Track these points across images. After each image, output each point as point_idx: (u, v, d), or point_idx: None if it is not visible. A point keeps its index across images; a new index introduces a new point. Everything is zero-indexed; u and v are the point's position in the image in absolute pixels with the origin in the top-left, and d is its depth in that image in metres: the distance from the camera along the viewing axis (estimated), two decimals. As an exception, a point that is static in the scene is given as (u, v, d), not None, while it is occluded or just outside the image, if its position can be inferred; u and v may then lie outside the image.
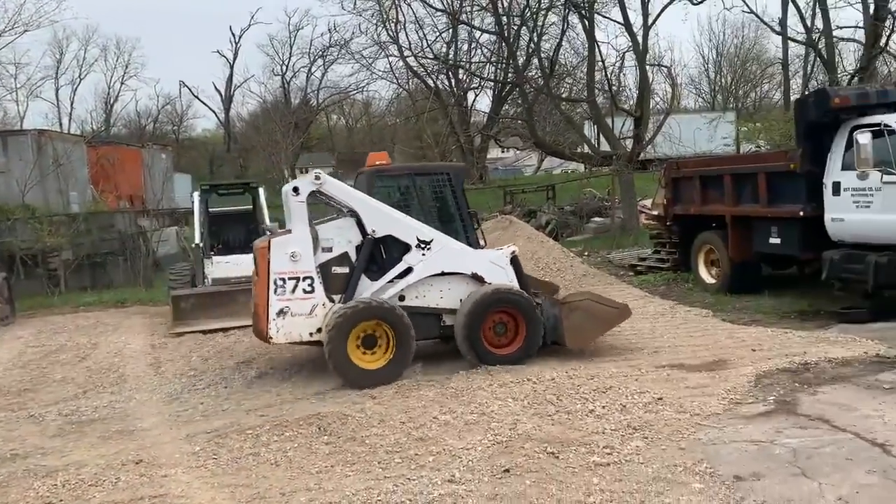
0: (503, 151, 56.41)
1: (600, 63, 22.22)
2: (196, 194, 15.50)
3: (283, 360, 9.64)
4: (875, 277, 9.56)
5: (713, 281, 12.97)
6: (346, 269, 8.54)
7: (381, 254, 8.66)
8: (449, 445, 6.10)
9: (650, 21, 21.21)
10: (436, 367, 8.62)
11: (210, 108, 58.63)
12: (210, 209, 15.66)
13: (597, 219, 21.24)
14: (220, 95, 55.20)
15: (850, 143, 9.92)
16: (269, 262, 8.21)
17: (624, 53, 22.83)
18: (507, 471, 5.51)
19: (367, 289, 8.52)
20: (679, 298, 12.77)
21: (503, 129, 31.34)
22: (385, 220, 8.57)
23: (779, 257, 12.21)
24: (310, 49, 49.80)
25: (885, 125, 9.59)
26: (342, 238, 8.56)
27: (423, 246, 8.58)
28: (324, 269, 8.43)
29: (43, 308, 16.46)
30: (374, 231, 8.50)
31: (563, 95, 25.51)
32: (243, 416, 7.40)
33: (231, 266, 13.97)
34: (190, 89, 56.52)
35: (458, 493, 5.17)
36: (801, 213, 10.69)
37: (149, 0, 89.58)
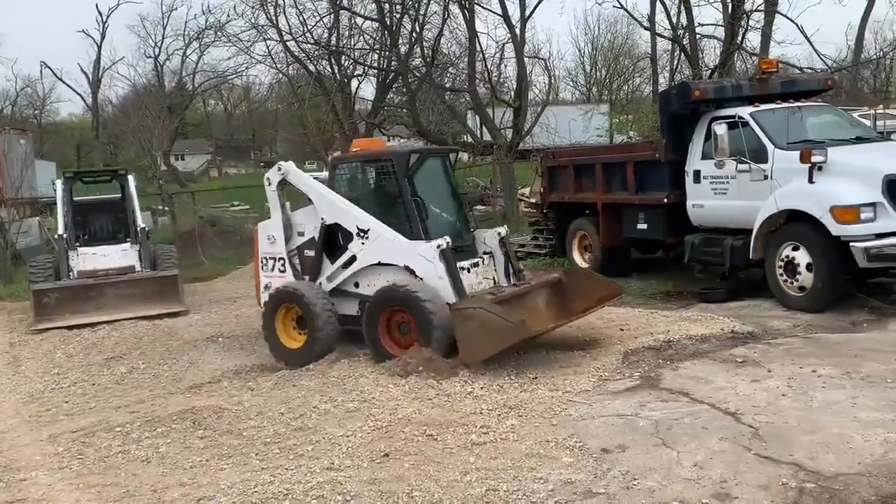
0: (388, 140, 56.30)
1: (481, 54, 22.59)
2: (59, 182, 14.59)
3: (156, 355, 9.27)
4: (731, 259, 10.28)
5: (586, 265, 13.48)
6: (313, 252, 9.01)
7: (338, 240, 8.86)
8: (328, 434, 6.09)
9: (527, 13, 21.76)
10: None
11: (76, 92, 55.04)
12: (75, 198, 14.77)
13: (479, 207, 21.62)
14: (87, 78, 51.90)
15: (709, 134, 10.57)
16: (256, 243, 9.51)
17: (503, 45, 23.33)
18: (387, 455, 5.56)
19: (327, 272, 8.88)
20: (556, 283, 13.19)
21: (388, 117, 31.23)
22: (331, 208, 8.82)
23: (646, 242, 12.87)
24: (184, 31, 47.57)
25: (740, 117, 10.28)
26: (310, 224, 9.10)
27: (361, 235, 8.60)
28: (300, 251, 9.21)
29: None
30: (323, 218, 8.85)
31: (446, 85, 25.74)
32: (112, 414, 7.08)
33: (98, 258, 13.27)
34: (52, 71, 52.83)
35: (338, 479, 5.17)
36: (665, 200, 11.31)
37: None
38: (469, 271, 8.60)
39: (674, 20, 23.84)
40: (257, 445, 5.97)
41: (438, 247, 8.14)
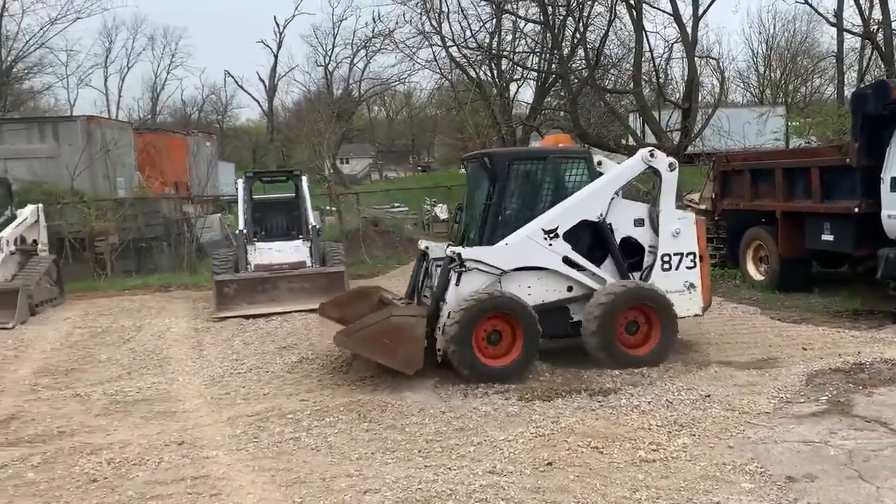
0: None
1: (649, 53, 21.77)
2: (241, 181, 15.63)
3: (323, 347, 9.64)
4: (935, 277, 9.21)
5: (761, 277, 12.64)
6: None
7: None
8: (490, 436, 6.02)
9: (700, 11, 20.72)
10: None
11: (254, 98, 59.17)
12: (254, 196, 15.78)
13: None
14: (264, 85, 55.69)
15: (911, 138, 9.54)
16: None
17: (672, 44, 22.37)
18: (550, 464, 5.41)
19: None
20: (726, 295, 12.47)
21: (545, 120, 31.00)
22: None
23: (830, 254, 11.84)
24: (352, 40, 49.94)
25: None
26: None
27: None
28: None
29: (90, 291, 16.78)
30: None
31: (608, 87, 25.11)
32: (284, 401, 7.41)
33: (273, 252, 14.08)
34: (234, 79, 57.34)
35: (500, 484, 5.08)
36: (857, 210, 10.34)
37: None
38: None
39: (865, 15, 21.89)
40: (420, 442, 6.02)
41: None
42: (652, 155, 8.54)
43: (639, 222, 8.56)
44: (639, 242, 8.56)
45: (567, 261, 8.23)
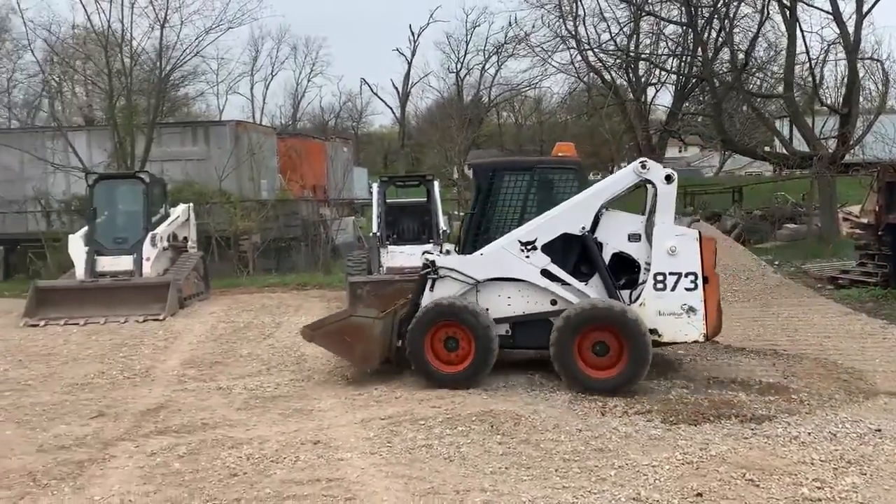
0: (679, 151, 53.80)
1: (806, 55, 20.32)
2: (375, 185, 15.92)
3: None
4: None
5: (933, 300, 11.41)
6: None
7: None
8: (632, 460, 5.66)
9: (865, 10, 19.12)
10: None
11: (387, 105, 60.63)
12: (387, 200, 16.02)
13: (790, 225, 19.50)
14: (397, 92, 56.97)
15: None
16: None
17: (828, 45, 20.82)
18: (700, 495, 4.99)
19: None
20: (890, 318, 11.37)
21: (683, 126, 29.82)
22: None
23: None
24: (485, 46, 50.05)
25: None
26: None
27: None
28: None
29: (233, 287, 17.65)
30: None
31: (755, 90, 23.76)
32: (416, 406, 7.35)
33: (405, 256, 14.20)
34: (370, 86, 58.67)
35: (646, 513, 4.74)
36: None
37: (336, 1, 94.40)
38: None
39: None
40: (556, 461, 5.75)
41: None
42: (644, 167, 8.01)
43: (634, 237, 8.11)
44: (635, 259, 8.11)
45: (547, 274, 8.00)
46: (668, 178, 8.00)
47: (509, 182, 8.59)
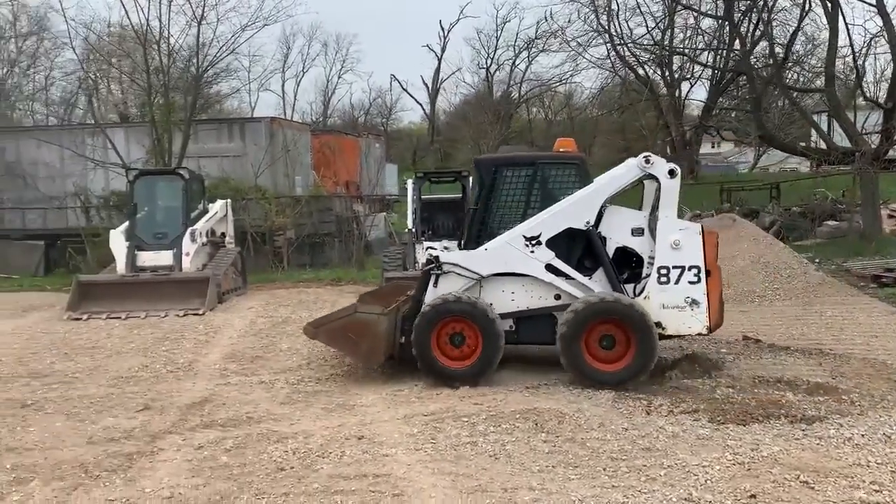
0: (713, 147, 53.11)
1: (850, 48, 19.89)
2: (410, 181, 15.92)
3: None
4: None
5: None
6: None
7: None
8: (681, 460, 5.59)
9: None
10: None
11: (417, 102, 60.71)
12: (422, 196, 16.03)
13: (830, 222, 19.13)
14: (427, 88, 56.99)
15: None
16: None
17: (871, 38, 20.36)
18: (754, 496, 4.91)
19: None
20: (940, 317, 11.09)
21: (718, 121, 29.39)
22: None
23: None
24: (515, 41, 49.87)
25: None
26: None
27: None
28: None
29: (268, 282, 17.81)
30: None
31: (794, 84, 23.32)
32: (458, 403, 7.33)
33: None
34: (400, 83, 58.90)
35: (699, 514, 4.67)
36: None
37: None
38: None
39: None
40: (603, 459, 5.69)
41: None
42: (648, 161, 7.98)
43: (637, 232, 8.13)
44: (638, 253, 8.11)
45: (551, 268, 7.99)
46: (672, 173, 7.99)
47: (512, 177, 8.61)
